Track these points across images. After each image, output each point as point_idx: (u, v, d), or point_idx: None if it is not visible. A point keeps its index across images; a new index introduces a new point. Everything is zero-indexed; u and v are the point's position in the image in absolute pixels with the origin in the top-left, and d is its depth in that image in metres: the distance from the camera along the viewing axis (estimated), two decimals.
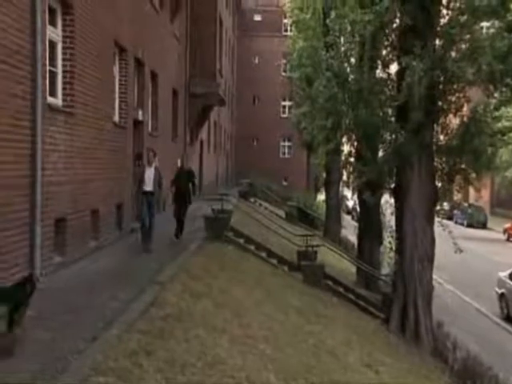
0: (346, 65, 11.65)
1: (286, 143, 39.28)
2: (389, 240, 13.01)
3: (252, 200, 23.30)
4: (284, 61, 31.87)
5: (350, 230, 21.49)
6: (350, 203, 33.02)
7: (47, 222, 7.06)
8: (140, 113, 12.64)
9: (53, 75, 7.73)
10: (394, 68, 11.16)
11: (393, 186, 11.41)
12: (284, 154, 39.65)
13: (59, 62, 7.97)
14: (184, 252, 9.66)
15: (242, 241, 12.14)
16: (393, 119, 11.00)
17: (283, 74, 33.17)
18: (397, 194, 11.09)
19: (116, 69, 10.94)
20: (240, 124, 38.62)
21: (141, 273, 7.69)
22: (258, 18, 38.77)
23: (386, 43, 11.02)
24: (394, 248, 11.85)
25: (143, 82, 12.89)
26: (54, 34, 7.78)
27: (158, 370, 4.50)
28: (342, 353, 7.45)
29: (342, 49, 11.69)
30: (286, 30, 36.44)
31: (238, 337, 6.07)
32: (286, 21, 35.58)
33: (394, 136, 10.74)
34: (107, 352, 4.60)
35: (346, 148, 15.72)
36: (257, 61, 39.17)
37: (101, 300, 6.19)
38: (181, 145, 18.15)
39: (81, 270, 7.72)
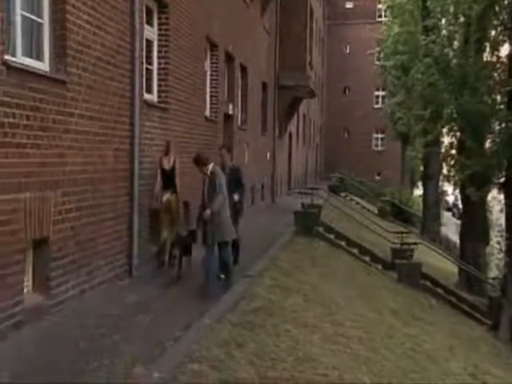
0: (447, 49, 11.18)
1: (379, 135, 38.37)
2: (497, 240, 12.37)
3: (343, 195, 23.17)
4: (377, 49, 31.12)
5: (450, 228, 20.68)
6: (451, 199, 31.58)
7: (144, 213, 7.63)
8: (230, 107, 13.10)
9: (149, 72, 8.30)
10: (504, 50, 10.54)
11: (502, 180, 10.81)
12: (377, 146, 38.77)
13: (155, 60, 8.54)
14: (273, 246, 9.88)
15: (332, 236, 12.17)
16: (503, 106, 10.40)
17: (376, 62, 32.44)
18: (508, 189, 10.50)
19: (207, 64, 11.44)
20: (330, 116, 38.35)
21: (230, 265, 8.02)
22: (349, 5, 38.19)
23: (495, 23, 10.42)
24: (503, 249, 11.25)
25: (233, 76, 13.34)
26: (151, 32, 8.35)
27: (249, 363, 4.66)
28: (443, 358, 7.22)
29: (444, 32, 11.24)
30: (379, 16, 35.57)
31: (329, 334, 6.11)
32: (379, 6, 34.76)
33: (504, 125, 10.15)
34: (200, 341, 4.84)
35: (446, 139, 15.13)
36: (348, 50, 38.62)
37: (191, 288, 6.55)
38: (270, 138, 18.49)
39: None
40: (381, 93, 36.21)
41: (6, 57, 4.58)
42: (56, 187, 5.36)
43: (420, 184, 25.98)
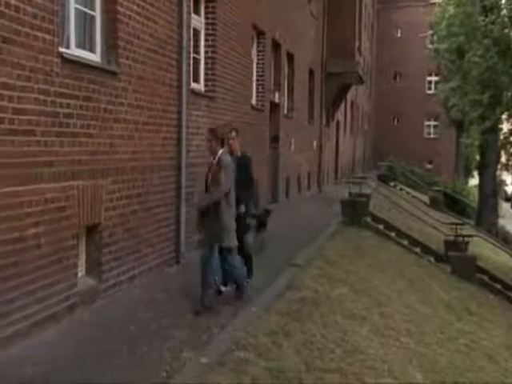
0: (508, 30, 10.74)
1: (432, 122, 37.41)
2: None
3: (392, 184, 22.80)
4: (430, 32, 30.24)
5: (509, 220, 20.00)
6: (510, 189, 30.44)
7: (190, 201, 7.83)
8: (276, 95, 13.14)
9: (196, 62, 8.46)
10: None
11: None
12: (429, 134, 37.83)
13: (202, 49, 8.69)
14: (320, 236, 9.90)
15: (381, 227, 12.06)
16: None
17: (429, 46, 31.54)
18: None
19: (254, 52, 11.52)
20: (379, 102, 37.66)
21: (277, 253, 8.07)
22: None
23: None
24: None
25: (280, 64, 13.36)
26: (198, 21, 8.49)
27: (296, 352, 4.71)
28: (502, 357, 7.01)
29: (504, 12, 10.80)
30: None
31: (378, 327, 6.07)
32: None
33: None
34: (247, 329, 4.93)
35: (505, 126, 14.59)
36: (399, 34, 37.73)
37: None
38: (316, 126, 18.42)
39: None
40: (434, 78, 35.22)
41: (61, 49, 4.81)
42: (107, 175, 5.60)
43: (475, 173, 25.19)
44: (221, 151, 5.48)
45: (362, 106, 31.37)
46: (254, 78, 11.59)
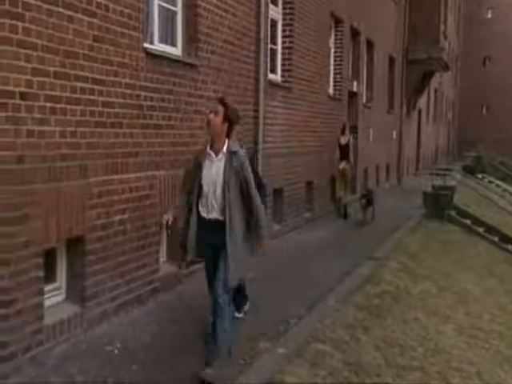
0: None
1: None
2: None
3: (480, 176, 21.87)
4: None
5: None
6: None
7: (268, 191, 8.02)
8: (355, 84, 13.02)
9: (273, 52, 8.61)
10: None
11: None
12: None
13: (279, 40, 8.82)
14: (400, 230, 9.76)
15: (468, 221, 11.66)
16: None
17: None
18: None
19: (331, 41, 11.48)
20: (465, 89, 36.01)
21: (355, 247, 8.09)
22: None
23: None
24: None
25: (358, 52, 13.21)
26: (275, 12, 8.62)
27: (375, 347, 4.67)
28: None
29: None
30: None
31: (464, 327, 5.90)
32: None
33: None
34: (324, 322, 4.95)
35: None
36: (489, 15, 35.82)
37: (315, 270, 6.71)
38: (397, 115, 18.02)
39: (296, 240, 8.51)
40: None
41: (146, 45, 5.12)
42: (186, 165, 5.87)
43: None
44: (227, 142, 3.81)
45: (446, 93, 30.18)
46: (332, 67, 11.56)
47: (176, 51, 5.85)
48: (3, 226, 3.55)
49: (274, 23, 8.60)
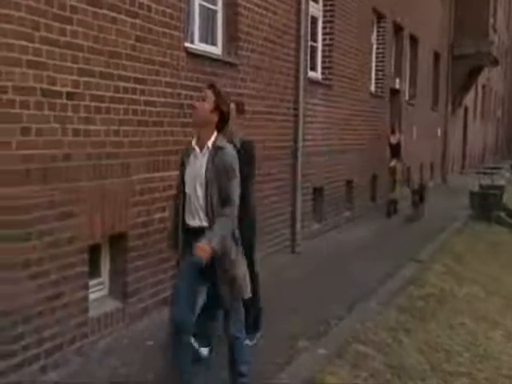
0: None
1: None
2: None
3: None
4: None
5: None
6: None
7: (306, 190, 8.05)
8: (397, 81, 12.86)
9: (313, 50, 8.62)
10: None
11: None
12: None
13: (319, 37, 8.82)
14: (445, 231, 9.60)
15: None
16: None
17: None
18: None
19: (373, 37, 11.39)
20: None
21: (396, 247, 8.00)
22: None
23: None
24: None
25: (401, 48, 13.04)
26: (315, 9, 8.63)
27: (419, 351, 4.61)
28: None
29: None
30: None
31: None
32: None
33: None
34: (365, 323, 4.94)
35: None
36: None
37: (356, 270, 6.69)
38: (441, 113, 17.69)
39: (336, 239, 8.51)
40: None
41: (186, 44, 5.24)
42: None
43: None
44: (214, 136, 3.24)
45: (495, 89, 29.36)
46: (374, 63, 11.46)
47: (216, 50, 5.95)
48: (50, 222, 3.73)
49: (314, 20, 8.61)
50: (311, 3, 8.28)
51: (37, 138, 3.60)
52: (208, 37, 5.92)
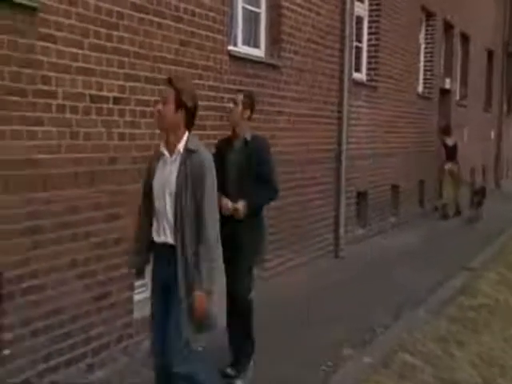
0: None
1: None
2: None
3: None
4: None
5: None
6: None
7: (350, 194, 8.09)
8: (447, 81, 12.70)
9: (358, 51, 8.65)
10: None
11: None
12: None
13: (364, 37, 8.85)
14: (500, 237, 9.43)
15: None
16: None
17: None
18: None
19: (422, 36, 11.31)
20: None
21: (446, 255, 7.90)
22: None
23: None
24: None
25: (452, 47, 12.87)
26: (361, 8, 8.66)
27: (471, 364, 4.51)
28: None
29: None
30: None
31: None
32: None
33: None
34: (413, 333, 4.89)
35: None
36: None
37: (402, 277, 6.65)
38: (495, 114, 17.30)
39: (380, 245, 8.47)
40: None
41: (229, 47, 5.41)
42: None
43: None
44: (186, 136, 2.93)
45: None
46: (422, 63, 11.37)
47: (259, 53, 6.09)
48: (98, 223, 3.93)
49: (359, 20, 8.64)
50: (356, 3, 8.31)
51: (85, 142, 3.82)
52: (251, 39, 6.07)
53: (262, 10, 6.16)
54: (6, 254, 3.31)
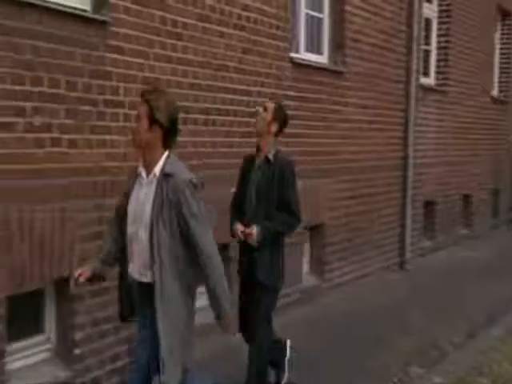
0: None
1: None
2: None
3: None
4: None
5: None
6: None
7: (417, 204, 8.05)
8: None
9: (426, 54, 8.60)
10: None
11: None
12: None
13: (433, 40, 8.79)
14: None
15: None
16: None
17: None
18: None
19: (497, 36, 11.08)
20: None
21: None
22: None
23: None
24: None
25: None
26: (429, 10, 8.62)
27: None
28: None
29: None
30: None
31: None
32: None
33: None
34: (489, 353, 4.80)
35: None
36: None
37: (474, 293, 6.53)
38: None
39: (449, 258, 8.33)
40: None
41: (291, 54, 5.58)
42: (329, 175, 6.22)
43: None
44: (164, 157, 2.71)
45: None
46: (497, 65, 11.14)
47: (322, 59, 6.22)
48: None
49: (427, 22, 8.60)
50: (425, 4, 8.29)
51: None
52: (313, 46, 6.21)
53: (325, 16, 6.29)
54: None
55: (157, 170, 2.64)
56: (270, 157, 3.60)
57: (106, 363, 3.82)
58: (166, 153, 2.68)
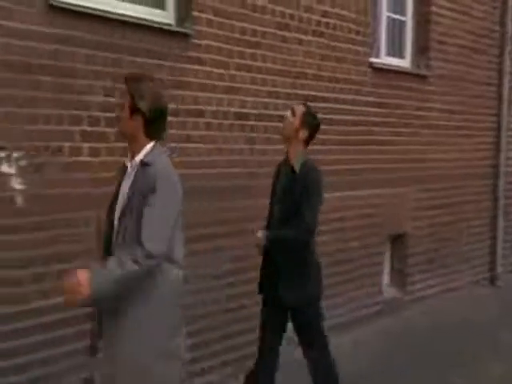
0: None
1: None
2: None
3: None
4: None
5: None
6: None
7: (509, 215, 7.84)
8: None
9: None
10: None
11: None
12: None
13: None
14: None
15: None
16: None
17: None
18: None
19: None
20: None
21: None
22: None
23: None
24: None
25: None
26: None
27: None
28: None
29: None
30: None
31: None
32: None
33: None
34: None
35: None
36: None
37: None
38: None
39: None
40: None
41: (371, 59, 5.68)
42: (413, 183, 6.24)
43: None
44: (149, 147, 2.60)
45: None
46: None
47: (403, 63, 6.27)
48: (231, 237, 4.37)
49: None
50: None
51: (227, 157, 4.33)
52: (395, 49, 6.27)
53: (408, 18, 6.33)
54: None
55: (137, 159, 2.56)
56: (296, 167, 3.43)
57: None
58: (152, 143, 2.58)
